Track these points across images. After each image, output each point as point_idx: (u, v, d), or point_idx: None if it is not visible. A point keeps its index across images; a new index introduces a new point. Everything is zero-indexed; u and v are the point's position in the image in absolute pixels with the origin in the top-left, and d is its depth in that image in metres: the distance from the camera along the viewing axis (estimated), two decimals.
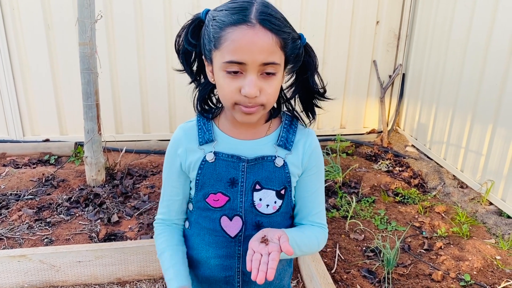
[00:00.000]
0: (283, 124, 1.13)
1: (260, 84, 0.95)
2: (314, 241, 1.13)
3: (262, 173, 1.09)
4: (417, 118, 4.17)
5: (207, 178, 1.10)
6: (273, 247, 0.93)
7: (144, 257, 2.30)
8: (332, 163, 3.52)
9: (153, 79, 4.05)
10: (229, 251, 1.14)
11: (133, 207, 2.97)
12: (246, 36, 0.91)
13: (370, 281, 2.29)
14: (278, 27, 0.94)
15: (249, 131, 1.11)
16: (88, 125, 3.09)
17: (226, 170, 1.09)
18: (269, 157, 1.09)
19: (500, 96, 2.95)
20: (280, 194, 1.11)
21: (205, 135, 1.10)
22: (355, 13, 4.13)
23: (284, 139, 1.10)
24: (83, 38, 2.92)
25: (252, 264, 0.91)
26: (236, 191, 1.09)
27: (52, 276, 2.25)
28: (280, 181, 1.10)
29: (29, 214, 2.82)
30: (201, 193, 1.11)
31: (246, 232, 1.12)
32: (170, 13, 3.87)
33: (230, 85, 0.96)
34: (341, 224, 2.85)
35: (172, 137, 1.15)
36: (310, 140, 1.13)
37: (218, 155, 1.09)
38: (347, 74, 4.33)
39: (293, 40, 0.98)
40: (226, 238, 1.13)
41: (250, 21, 0.92)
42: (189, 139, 1.11)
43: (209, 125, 1.11)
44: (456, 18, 3.48)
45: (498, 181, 2.98)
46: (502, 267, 2.43)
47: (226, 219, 1.11)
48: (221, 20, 0.94)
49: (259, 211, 1.11)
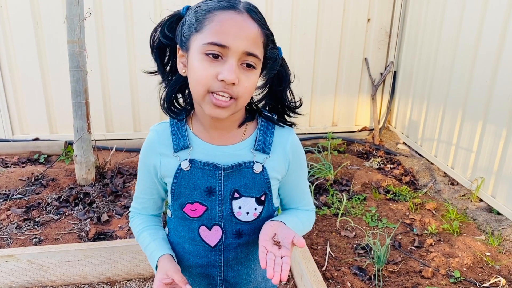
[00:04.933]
0: (259, 126, 1.07)
1: (239, 74, 0.90)
2: (308, 225, 1.17)
3: (240, 181, 1.04)
4: (408, 115, 4.19)
5: (183, 187, 1.05)
6: (286, 252, 0.92)
7: (134, 256, 2.29)
8: (324, 161, 3.52)
9: (144, 77, 4.00)
10: (209, 260, 1.12)
11: (123, 206, 2.95)
12: (233, 19, 0.89)
13: (360, 279, 2.29)
14: (263, 23, 0.94)
15: (224, 136, 1.05)
16: (77, 124, 3.06)
17: (202, 179, 1.04)
18: (247, 164, 1.04)
19: (490, 93, 2.96)
20: (260, 201, 1.07)
21: (180, 141, 1.05)
22: (346, 11, 4.13)
23: (261, 143, 1.05)
24: (72, 35, 2.89)
25: (267, 263, 0.90)
26: (213, 200, 1.05)
27: (40, 276, 2.23)
28: (259, 187, 1.06)
29: (18, 214, 2.79)
30: (178, 202, 1.07)
31: (226, 241, 1.09)
32: (160, 10, 3.84)
33: (207, 70, 0.89)
34: (332, 222, 2.85)
35: (146, 139, 1.10)
36: (290, 141, 1.08)
37: (194, 163, 1.04)
38: (338, 72, 4.33)
39: (273, 44, 0.98)
40: (206, 247, 1.10)
41: (238, 8, 0.91)
42: (163, 144, 1.06)
43: (183, 130, 1.06)
44: (446, 16, 3.49)
45: (488, 178, 3.00)
46: (491, 264, 2.44)
47: (204, 228, 1.08)
48: (207, 5, 0.92)
49: (239, 219, 1.07)
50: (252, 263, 1.15)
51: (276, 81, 1.05)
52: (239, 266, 1.14)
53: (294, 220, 1.09)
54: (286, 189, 1.14)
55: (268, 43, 0.96)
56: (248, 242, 1.11)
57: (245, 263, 1.14)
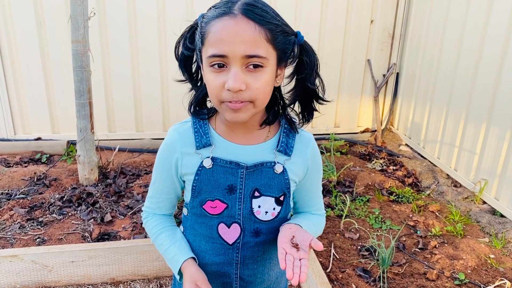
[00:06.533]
0: (282, 128, 1.07)
1: (245, 78, 0.89)
2: (320, 229, 1.19)
3: (261, 180, 1.05)
4: (411, 117, 4.19)
5: (204, 184, 1.05)
6: (304, 255, 0.94)
7: (138, 256, 2.28)
8: (327, 162, 3.51)
9: (147, 77, 4.01)
10: (226, 258, 1.12)
11: (127, 206, 2.94)
12: (226, 27, 0.87)
13: (365, 280, 2.29)
14: (263, 17, 0.89)
15: (247, 136, 1.05)
16: (80, 124, 3.06)
17: (224, 177, 1.04)
18: (268, 163, 1.05)
19: (493, 95, 2.96)
20: (279, 201, 1.08)
21: (202, 139, 1.05)
22: (350, 12, 4.12)
23: (284, 145, 1.06)
24: (76, 35, 2.89)
25: (287, 264, 0.92)
26: (234, 198, 1.06)
27: (44, 277, 2.22)
28: (279, 187, 1.07)
29: (21, 214, 2.78)
30: (198, 199, 1.07)
31: (244, 239, 1.10)
32: (163, 11, 3.84)
33: (215, 81, 0.91)
34: (336, 223, 2.85)
35: (166, 139, 1.09)
36: (311, 146, 1.10)
37: (216, 160, 1.04)
38: (341, 73, 4.33)
39: (284, 34, 0.93)
40: (224, 245, 1.10)
41: (232, 12, 0.88)
42: (185, 143, 1.06)
43: (206, 128, 1.06)
44: (450, 17, 3.49)
45: (491, 180, 3.00)
46: (496, 266, 2.44)
47: (223, 226, 1.08)
48: (207, 16, 0.92)
49: (258, 218, 1.08)
50: (268, 262, 1.16)
51: (302, 68, 1.02)
52: (255, 265, 1.14)
53: (308, 224, 1.11)
54: (301, 193, 1.15)
55: (276, 35, 0.91)
56: (265, 241, 1.11)
57: (260, 262, 1.14)
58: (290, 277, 0.89)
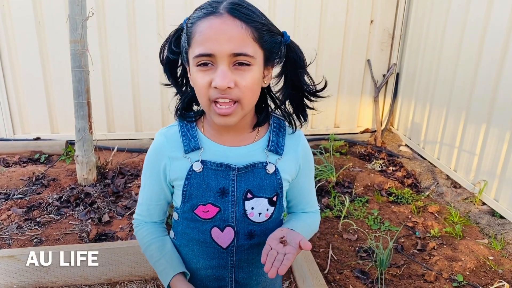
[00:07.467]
0: (272, 127, 1.07)
1: (233, 76, 0.90)
2: (315, 227, 1.19)
3: (253, 181, 1.04)
4: (411, 117, 4.17)
5: (195, 189, 1.03)
6: (291, 249, 0.92)
7: (135, 257, 2.27)
8: (326, 163, 3.50)
9: (146, 77, 4.01)
10: (221, 261, 1.10)
11: (125, 207, 2.94)
12: (213, 25, 0.88)
13: (363, 282, 2.28)
14: (248, 16, 0.89)
15: (237, 138, 1.05)
16: (79, 124, 3.05)
17: (215, 180, 1.03)
18: (260, 164, 1.04)
19: (493, 96, 2.95)
20: (272, 201, 1.07)
21: (191, 142, 1.03)
22: (349, 12, 4.11)
23: (275, 144, 1.06)
24: (74, 35, 2.88)
25: (267, 258, 0.91)
26: (226, 201, 1.04)
27: (41, 277, 2.22)
28: (272, 188, 1.06)
29: (19, 214, 2.78)
30: (189, 204, 1.05)
31: (238, 242, 1.08)
32: (162, 10, 3.84)
33: (203, 79, 0.91)
34: (334, 224, 2.84)
35: (153, 144, 1.07)
36: (301, 144, 1.10)
37: (206, 164, 1.02)
38: (341, 73, 4.32)
39: (270, 34, 0.93)
40: (218, 249, 1.09)
41: (218, 11, 0.88)
42: (173, 147, 1.04)
43: (194, 131, 1.04)
44: (450, 17, 3.47)
45: (491, 181, 2.98)
46: (494, 268, 2.42)
47: (217, 230, 1.07)
48: (193, 17, 0.92)
49: (251, 220, 1.07)
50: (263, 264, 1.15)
51: (290, 67, 1.02)
52: (250, 267, 1.13)
53: (302, 225, 1.11)
54: (294, 192, 1.14)
55: (262, 34, 0.91)
56: (259, 243, 1.10)
57: (256, 264, 1.13)
58: (266, 270, 0.89)
